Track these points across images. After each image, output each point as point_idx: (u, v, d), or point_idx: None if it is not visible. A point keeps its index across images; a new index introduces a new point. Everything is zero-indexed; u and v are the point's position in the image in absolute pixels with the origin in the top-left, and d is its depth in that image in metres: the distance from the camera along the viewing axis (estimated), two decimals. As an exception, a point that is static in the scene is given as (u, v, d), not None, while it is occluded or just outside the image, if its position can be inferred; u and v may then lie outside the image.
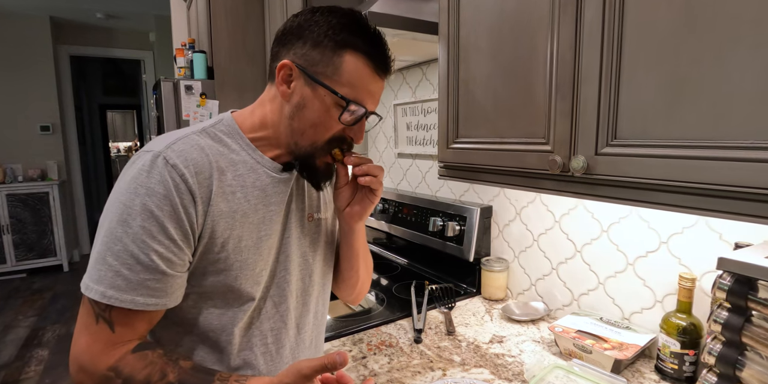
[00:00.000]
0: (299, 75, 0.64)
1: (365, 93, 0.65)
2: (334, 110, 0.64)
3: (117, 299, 0.56)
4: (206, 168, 0.62)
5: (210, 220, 0.62)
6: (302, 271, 0.76)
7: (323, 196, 0.81)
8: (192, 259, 0.63)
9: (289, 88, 0.65)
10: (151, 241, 0.57)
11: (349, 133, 0.68)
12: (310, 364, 0.53)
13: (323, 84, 0.63)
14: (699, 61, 0.57)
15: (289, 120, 0.66)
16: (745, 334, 0.63)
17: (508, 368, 0.93)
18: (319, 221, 0.79)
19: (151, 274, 0.57)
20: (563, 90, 0.75)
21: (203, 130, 0.67)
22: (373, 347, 1.03)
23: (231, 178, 0.65)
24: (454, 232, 1.41)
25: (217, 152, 0.65)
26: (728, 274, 0.65)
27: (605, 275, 1.08)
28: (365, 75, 0.64)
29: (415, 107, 1.73)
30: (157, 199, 0.57)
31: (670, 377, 0.88)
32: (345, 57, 0.62)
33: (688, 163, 0.59)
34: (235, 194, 0.65)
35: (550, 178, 0.81)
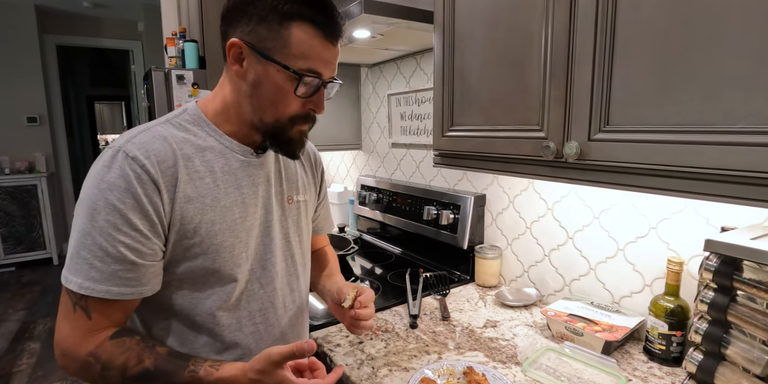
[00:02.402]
0: (249, 52, 0.64)
1: (318, 62, 0.64)
2: (290, 85, 0.64)
3: (92, 290, 0.59)
4: (169, 157, 0.64)
5: (178, 206, 0.64)
6: (285, 253, 0.79)
7: (301, 179, 0.84)
8: (165, 247, 0.65)
9: (241, 66, 0.65)
10: (117, 233, 0.59)
11: (310, 105, 0.68)
12: (280, 351, 0.57)
13: (274, 60, 0.63)
14: (689, 48, 0.59)
15: (249, 98, 0.67)
16: (731, 312, 0.65)
17: (501, 351, 0.96)
18: (299, 204, 0.82)
19: (121, 264, 0.60)
20: (557, 77, 0.76)
21: (167, 121, 0.69)
22: (369, 332, 1.05)
23: (199, 164, 0.66)
24: (448, 221, 1.43)
25: (183, 140, 0.67)
26: (715, 255, 0.67)
27: (596, 261, 1.10)
28: (316, 44, 0.63)
29: (409, 97, 1.74)
30: (118, 192, 0.59)
31: (658, 358, 0.91)
32: (292, 29, 0.62)
33: (679, 147, 0.61)
34: (203, 179, 0.67)
35: (544, 165, 0.83)
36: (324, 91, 0.69)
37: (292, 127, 0.68)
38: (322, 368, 0.65)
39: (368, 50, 1.59)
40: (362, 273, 1.52)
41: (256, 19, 0.62)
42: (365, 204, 1.92)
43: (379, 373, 0.87)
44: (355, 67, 2.05)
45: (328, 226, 1.01)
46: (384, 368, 0.89)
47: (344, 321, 0.80)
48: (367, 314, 0.76)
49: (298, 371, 0.65)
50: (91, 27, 4.73)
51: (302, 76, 0.63)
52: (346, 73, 2.03)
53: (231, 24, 0.65)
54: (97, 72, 6.63)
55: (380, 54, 1.69)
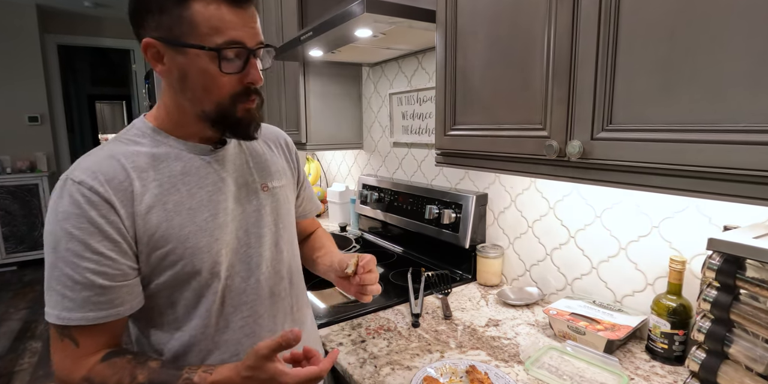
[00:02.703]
0: (165, 48, 0.62)
1: (234, 31, 0.61)
2: (213, 65, 0.62)
3: (69, 319, 0.60)
4: (119, 173, 0.63)
5: (140, 219, 0.63)
6: (268, 242, 0.77)
7: (274, 164, 0.83)
8: (139, 263, 0.65)
9: (164, 64, 0.64)
10: (80, 260, 0.60)
11: (246, 80, 0.65)
12: (267, 344, 0.57)
13: (187, 44, 0.61)
14: (692, 46, 0.59)
15: (183, 93, 0.66)
16: (733, 311, 0.65)
17: (504, 350, 0.96)
18: (275, 190, 0.80)
19: (91, 290, 0.60)
20: (560, 76, 0.76)
21: (115, 139, 0.69)
22: (371, 331, 1.05)
23: (154, 173, 0.66)
24: (450, 220, 1.43)
25: (133, 153, 0.66)
26: (717, 254, 0.67)
27: (598, 260, 1.10)
28: (223, 13, 0.60)
29: (411, 96, 1.74)
30: (73, 219, 0.60)
31: (660, 357, 0.91)
32: (193, 7, 0.60)
33: (682, 146, 0.61)
34: (162, 187, 0.66)
35: (546, 164, 0.83)
36: (255, 60, 0.65)
37: (236, 108, 0.66)
38: (317, 355, 0.65)
39: (370, 49, 1.59)
40: (364, 272, 1.52)
41: (156, 12, 0.61)
42: (367, 203, 1.92)
43: (381, 372, 0.87)
44: (357, 67, 2.05)
45: (314, 209, 1.01)
46: (386, 367, 0.89)
47: (350, 291, 0.81)
48: (372, 278, 0.77)
49: (296, 362, 0.65)
50: (92, 26, 4.73)
51: (220, 51, 0.61)
52: (347, 72, 2.03)
53: (139, 25, 0.63)
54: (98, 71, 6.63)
55: (382, 53, 1.69)
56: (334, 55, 1.67)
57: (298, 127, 1.98)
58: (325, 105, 1.99)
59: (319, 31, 1.31)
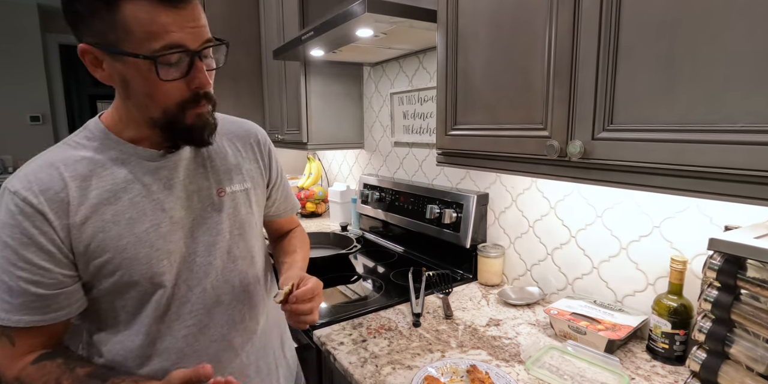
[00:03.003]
0: (102, 53, 0.59)
1: (172, 34, 0.57)
2: (154, 73, 0.58)
3: (7, 320, 0.61)
4: (56, 182, 0.62)
5: (75, 230, 0.62)
6: (220, 250, 0.74)
7: (237, 167, 0.79)
8: (76, 271, 0.64)
9: (103, 70, 0.61)
10: (14, 269, 0.60)
11: (193, 84, 0.62)
12: (179, 374, 0.56)
13: (122, 52, 0.57)
14: (694, 47, 0.59)
15: (128, 100, 0.64)
16: (734, 311, 0.65)
17: (504, 349, 0.96)
18: (235, 194, 0.77)
19: (26, 297, 0.61)
20: (561, 76, 0.76)
21: (63, 143, 0.67)
22: (372, 331, 1.05)
23: (96, 181, 0.64)
24: (451, 220, 1.43)
25: (77, 160, 0.64)
26: (718, 254, 0.67)
27: (599, 260, 1.10)
28: (158, 15, 0.56)
29: (412, 96, 1.74)
30: (8, 229, 0.60)
31: (661, 356, 0.91)
32: (124, 11, 0.55)
33: (683, 146, 0.61)
34: (102, 196, 0.64)
35: (547, 164, 0.83)
36: (201, 63, 0.61)
37: (185, 114, 0.63)
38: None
39: (371, 49, 1.59)
40: (365, 271, 1.52)
41: (88, 15, 0.56)
42: (368, 203, 1.92)
43: (382, 371, 0.88)
44: (358, 66, 2.05)
45: (290, 208, 0.97)
46: (387, 366, 0.89)
47: (286, 315, 0.74)
48: (305, 309, 0.70)
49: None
50: (94, 26, 4.72)
51: (156, 59, 0.57)
52: (348, 72, 2.03)
53: (75, 29, 0.59)
54: (100, 71, 6.62)
55: (383, 53, 1.69)
56: (335, 54, 1.67)
57: (300, 127, 1.98)
58: (327, 105, 1.99)
59: (320, 31, 1.31)
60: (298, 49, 1.56)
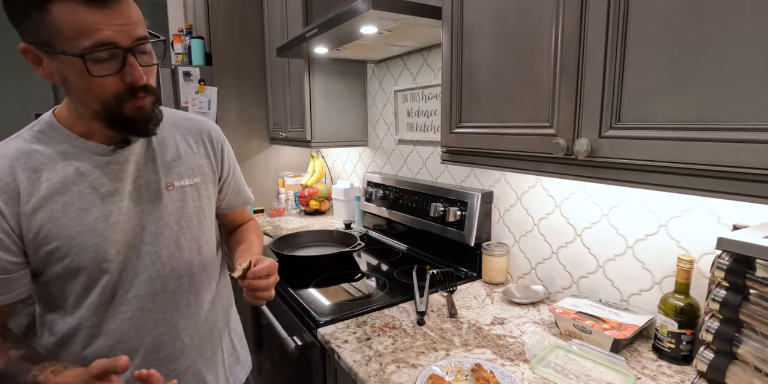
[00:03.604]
0: (39, 52, 0.62)
1: (101, 32, 0.58)
2: (85, 71, 0.60)
3: None
4: (5, 174, 0.66)
5: (25, 219, 0.66)
6: (167, 240, 0.78)
7: (188, 162, 0.82)
8: (25, 258, 0.68)
9: (43, 68, 0.64)
10: None
11: (126, 80, 0.64)
12: (98, 365, 0.59)
13: (55, 50, 0.59)
14: (703, 44, 0.58)
15: (70, 95, 0.67)
16: (743, 311, 0.64)
17: (509, 348, 0.96)
18: (183, 189, 0.81)
19: None
20: (568, 73, 0.75)
21: (18, 136, 0.71)
22: (377, 329, 1.05)
23: (47, 174, 0.68)
24: (455, 218, 1.43)
25: (28, 154, 0.68)
26: (727, 253, 0.66)
27: (605, 258, 1.10)
28: (85, 15, 0.57)
29: (416, 93, 1.73)
30: None
31: (667, 356, 0.90)
32: (52, 11, 0.57)
33: (691, 145, 0.60)
34: (53, 187, 0.67)
35: (553, 162, 0.82)
36: (134, 59, 0.63)
37: (123, 106, 0.65)
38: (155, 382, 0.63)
39: (375, 46, 1.58)
40: (368, 269, 1.52)
41: (22, 17, 0.59)
42: (371, 200, 1.91)
43: (387, 370, 0.88)
44: (362, 64, 2.04)
45: (242, 201, 1.00)
46: (392, 365, 0.89)
47: (243, 291, 0.79)
48: (262, 285, 0.75)
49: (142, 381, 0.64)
50: (98, 23, 4.74)
51: (85, 56, 0.59)
52: (352, 70, 2.02)
53: (18, 30, 0.62)
54: (104, 68, 6.65)
55: (387, 50, 1.68)
56: (338, 52, 1.66)
57: (303, 125, 1.98)
58: (330, 102, 1.99)
59: (324, 28, 1.31)
60: (301, 47, 1.56)
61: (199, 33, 2.36)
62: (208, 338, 0.88)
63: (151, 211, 0.77)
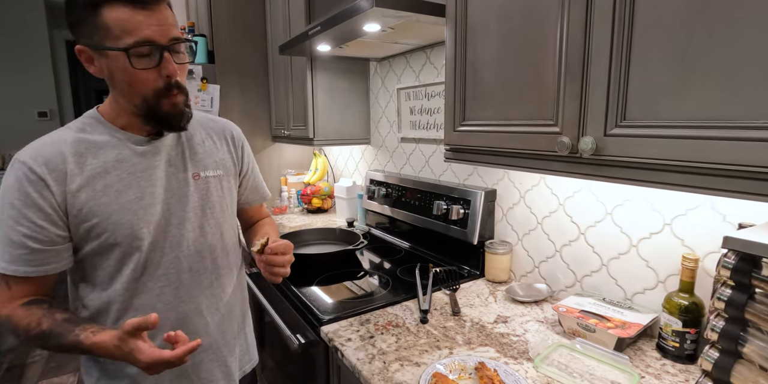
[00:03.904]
0: (91, 52, 0.73)
1: (142, 31, 0.69)
2: (128, 64, 0.70)
3: (6, 269, 0.74)
4: (57, 156, 0.75)
5: (70, 196, 0.74)
6: (192, 224, 0.86)
7: (212, 156, 0.92)
8: (70, 232, 0.76)
9: (95, 66, 0.75)
10: (16, 225, 0.73)
11: (162, 73, 0.73)
12: (132, 322, 0.65)
13: (104, 47, 0.70)
14: (710, 41, 0.57)
15: (116, 90, 0.77)
16: (748, 310, 0.64)
17: (513, 347, 0.96)
18: (208, 179, 0.90)
19: (23, 250, 0.73)
20: (573, 71, 0.75)
21: (67, 127, 0.80)
22: (380, 327, 1.05)
23: (91, 158, 0.77)
24: (458, 216, 1.43)
25: (75, 141, 0.77)
26: (733, 252, 0.66)
27: (608, 257, 1.09)
28: (129, 16, 0.69)
29: (419, 91, 1.73)
30: (14, 192, 0.73)
31: (671, 355, 0.90)
32: (103, 14, 0.68)
33: (698, 143, 0.60)
34: (95, 170, 0.77)
35: (558, 160, 0.82)
36: (170, 55, 0.73)
37: (161, 102, 0.76)
38: (181, 342, 0.69)
39: (377, 44, 1.58)
40: (371, 267, 1.52)
41: (79, 22, 0.71)
42: (374, 198, 1.91)
43: (390, 368, 0.88)
44: (364, 61, 2.04)
45: (259, 197, 1.08)
46: (395, 363, 0.89)
47: (261, 269, 0.87)
48: (279, 261, 0.84)
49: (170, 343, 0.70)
50: (100, 21, 4.73)
51: (129, 50, 0.69)
52: (354, 67, 2.02)
53: (75, 34, 0.73)
54: (106, 66, 6.65)
55: (390, 48, 1.68)
56: (341, 49, 1.66)
57: (306, 123, 1.98)
58: (333, 100, 1.99)
59: (327, 26, 1.30)
60: (304, 45, 1.56)
61: (201, 31, 2.36)
62: (228, 322, 0.95)
63: (179, 197, 0.85)
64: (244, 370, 1.03)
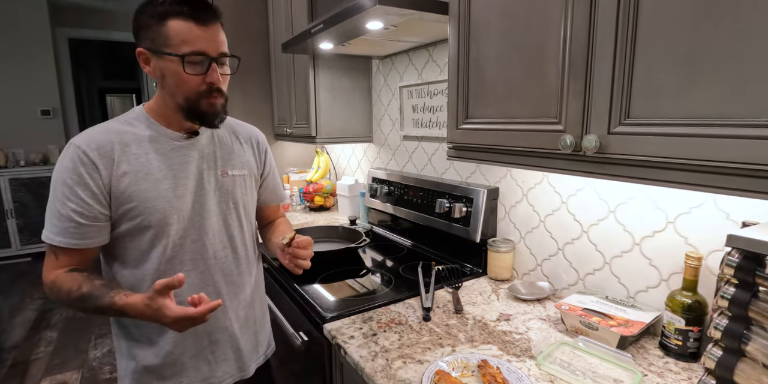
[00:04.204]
0: (150, 55, 0.84)
1: (197, 43, 0.81)
2: (181, 68, 0.82)
3: (53, 240, 0.83)
4: (107, 144, 0.85)
5: (115, 180, 0.84)
6: (218, 215, 0.96)
7: (239, 157, 1.02)
8: (111, 211, 0.85)
9: (150, 67, 0.86)
10: (66, 201, 0.82)
11: (207, 80, 0.84)
12: (161, 282, 0.73)
13: (163, 52, 0.81)
14: (715, 39, 0.57)
15: (164, 90, 0.87)
16: (752, 309, 0.64)
17: (515, 345, 0.96)
18: (234, 177, 1.00)
19: (70, 223, 0.82)
20: (576, 69, 0.75)
21: (116, 119, 0.91)
22: (383, 325, 1.05)
23: (135, 148, 0.87)
24: (461, 214, 1.43)
25: (122, 132, 0.87)
26: (736, 250, 0.66)
27: (611, 255, 1.09)
28: (190, 30, 0.80)
29: (421, 89, 1.73)
30: (68, 172, 0.82)
31: (674, 353, 0.90)
32: (168, 25, 0.80)
33: (702, 141, 0.60)
34: (138, 159, 0.87)
35: (561, 158, 0.82)
36: (216, 66, 0.85)
37: (201, 102, 0.86)
38: (204, 302, 0.77)
39: (380, 42, 1.58)
40: (374, 265, 1.52)
41: (144, 28, 0.83)
42: (376, 196, 1.92)
43: (393, 365, 0.88)
44: (367, 59, 2.03)
45: (275, 199, 1.17)
46: (398, 360, 0.90)
47: (284, 260, 0.96)
48: (304, 254, 0.93)
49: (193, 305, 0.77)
50: (103, 20, 4.75)
51: (184, 57, 0.81)
52: (357, 66, 2.02)
53: (136, 38, 0.85)
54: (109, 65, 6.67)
55: (392, 46, 1.68)
56: (344, 47, 1.66)
57: (308, 121, 1.98)
58: (335, 98, 1.99)
59: (329, 24, 1.30)
60: (306, 43, 1.56)
61: (203, 29, 2.36)
62: (245, 309, 1.04)
63: (208, 191, 0.94)
64: (259, 360, 1.10)
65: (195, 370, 0.96)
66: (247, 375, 1.05)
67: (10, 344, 2.68)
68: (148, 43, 0.83)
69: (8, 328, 2.86)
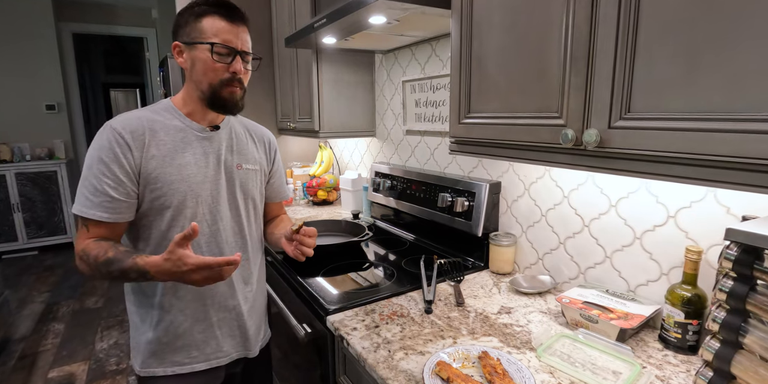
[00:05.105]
0: (183, 46, 0.96)
1: (226, 36, 0.93)
2: (210, 55, 0.92)
3: (86, 213, 0.90)
4: (140, 129, 0.93)
5: (145, 162, 0.92)
6: (230, 204, 1.05)
7: (252, 153, 1.11)
8: (138, 190, 0.93)
9: (183, 58, 0.97)
10: (102, 176, 0.89)
11: (231, 69, 0.94)
12: (177, 236, 0.79)
13: (195, 42, 0.93)
14: (716, 32, 0.57)
15: (191, 78, 0.97)
16: (750, 302, 0.65)
17: (516, 337, 0.97)
18: (248, 171, 1.09)
19: (104, 197, 0.90)
20: (578, 63, 0.75)
21: (146, 108, 1.00)
22: (385, 317, 1.07)
23: (162, 135, 0.96)
24: (463, 208, 1.43)
25: (152, 120, 0.96)
26: (735, 244, 0.66)
27: (612, 249, 1.10)
28: (221, 25, 0.93)
29: (424, 84, 1.73)
30: (105, 150, 0.90)
31: (673, 346, 0.91)
32: (204, 20, 0.93)
33: (703, 135, 0.60)
34: (166, 145, 0.95)
35: (562, 152, 0.82)
36: (240, 58, 0.95)
37: (223, 89, 0.95)
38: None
39: (383, 36, 1.58)
40: (376, 259, 1.53)
41: (183, 26, 0.95)
42: (379, 191, 1.92)
43: (395, 357, 0.89)
44: (370, 54, 2.03)
45: (280, 196, 1.26)
46: (400, 352, 0.91)
47: (289, 249, 1.06)
48: (310, 242, 1.03)
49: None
50: (106, 14, 4.75)
51: (213, 45, 0.92)
52: (360, 60, 2.02)
53: (175, 34, 0.97)
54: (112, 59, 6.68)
55: (395, 40, 1.68)
56: (347, 42, 1.66)
57: (311, 115, 1.99)
58: (338, 93, 1.99)
59: (333, 18, 1.31)
60: (310, 37, 1.56)
61: (207, 23, 2.36)
62: (251, 293, 1.12)
63: (225, 180, 1.03)
64: (261, 343, 1.19)
65: (204, 344, 1.04)
66: (252, 354, 1.13)
67: (18, 336, 2.72)
68: (184, 38, 0.95)
69: (16, 320, 2.90)
